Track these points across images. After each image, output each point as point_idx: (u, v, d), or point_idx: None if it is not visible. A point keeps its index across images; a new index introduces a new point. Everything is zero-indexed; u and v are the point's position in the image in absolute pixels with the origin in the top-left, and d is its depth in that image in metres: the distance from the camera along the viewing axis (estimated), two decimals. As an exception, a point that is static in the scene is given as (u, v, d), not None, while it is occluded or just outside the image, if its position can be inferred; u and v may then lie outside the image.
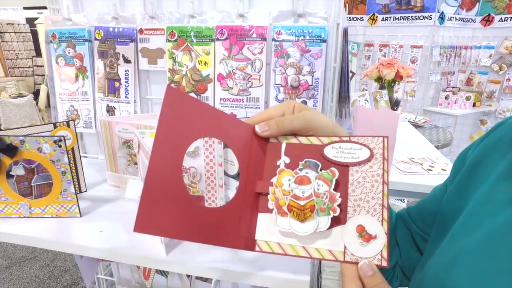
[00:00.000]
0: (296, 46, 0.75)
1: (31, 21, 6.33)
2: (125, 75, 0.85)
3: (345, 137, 0.42)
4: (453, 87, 3.17)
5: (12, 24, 6.32)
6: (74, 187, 0.63)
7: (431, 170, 0.92)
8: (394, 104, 1.68)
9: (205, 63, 0.80)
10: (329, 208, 0.40)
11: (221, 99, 0.80)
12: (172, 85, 0.82)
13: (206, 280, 1.01)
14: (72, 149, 0.72)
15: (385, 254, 0.36)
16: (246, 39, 0.77)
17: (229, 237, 0.41)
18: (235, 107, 0.79)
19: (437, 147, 1.26)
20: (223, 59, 0.78)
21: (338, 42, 0.75)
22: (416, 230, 0.52)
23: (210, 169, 0.62)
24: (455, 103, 3.05)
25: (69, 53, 0.88)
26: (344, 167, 0.41)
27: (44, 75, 6.27)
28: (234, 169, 0.64)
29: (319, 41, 0.74)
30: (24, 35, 6.45)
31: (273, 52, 0.76)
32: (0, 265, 2.29)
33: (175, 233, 0.37)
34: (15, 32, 6.35)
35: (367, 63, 3.40)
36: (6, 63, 6.35)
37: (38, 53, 6.45)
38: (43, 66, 6.30)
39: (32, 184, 0.67)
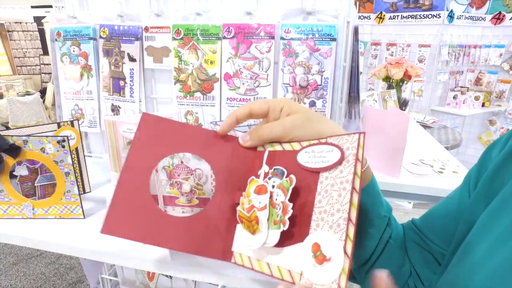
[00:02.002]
0: (305, 45, 0.73)
1: (38, 20, 6.37)
2: (130, 73, 0.84)
3: (322, 139, 0.38)
4: (461, 87, 3.12)
5: (20, 22, 6.36)
6: (78, 188, 0.62)
7: (442, 172, 0.90)
8: (403, 104, 1.65)
9: (211, 62, 0.78)
10: (281, 220, 0.36)
11: (227, 98, 0.78)
12: (178, 84, 0.80)
13: (211, 282, 1.00)
14: (76, 149, 0.71)
15: (342, 283, 0.29)
16: (254, 37, 0.75)
17: (206, 246, 0.41)
18: (242, 107, 0.78)
19: (446, 148, 1.24)
20: (230, 58, 0.77)
21: (348, 40, 0.73)
22: (437, 249, 0.47)
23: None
24: (463, 103, 3.00)
25: (74, 51, 0.87)
26: (314, 174, 0.37)
27: (51, 73, 6.31)
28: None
29: (329, 39, 0.72)
30: (32, 33, 6.49)
31: (281, 50, 0.74)
32: (7, 262, 2.31)
33: (143, 237, 0.41)
34: (22, 31, 6.39)
35: (374, 62, 3.36)
36: (14, 61, 6.39)
37: (46, 52, 6.49)
38: (50, 64, 6.34)
39: (35, 184, 0.66)
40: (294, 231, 0.36)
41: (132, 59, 0.83)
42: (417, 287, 0.51)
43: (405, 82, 1.74)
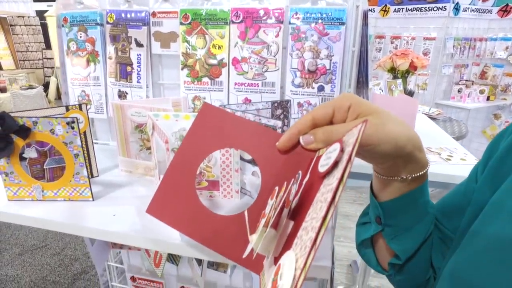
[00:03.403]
0: (314, 29, 0.72)
1: (41, 14, 6.36)
2: (137, 59, 0.83)
3: None
4: (466, 80, 3.10)
5: (23, 16, 6.35)
6: (87, 172, 0.62)
7: (450, 159, 0.89)
8: (408, 95, 1.64)
9: (219, 47, 0.77)
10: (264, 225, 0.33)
11: (235, 83, 0.78)
12: (186, 69, 0.80)
13: (217, 269, 1.00)
14: (84, 133, 0.71)
15: None
16: (262, 22, 0.74)
17: (231, 248, 0.40)
18: (250, 92, 0.77)
19: (452, 140, 1.23)
20: (238, 43, 0.76)
21: (357, 25, 0.72)
22: (448, 234, 0.46)
23: (226, 153, 0.60)
24: (468, 97, 2.98)
25: (80, 37, 0.87)
26: (321, 178, 0.32)
27: (53, 67, 6.31)
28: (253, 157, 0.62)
29: (338, 23, 0.72)
30: (34, 27, 6.49)
31: (290, 35, 0.74)
32: (13, 252, 2.33)
33: (179, 226, 0.41)
34: (25, 25, 6.38)
35: (378, 56, 3.34)
36: (16, 56, 6.40)
37: (48, 46, 6.49)
38: (52, 58, 6.34)
39: (44, 167, 0.66)
40: (285, 247, 0.33)
41: (139, 45, 0.83)
42: (429, 278, 0.51)
43: (411, 73, 1.73)
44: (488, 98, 3.05)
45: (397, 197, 0.44)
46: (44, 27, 6.38)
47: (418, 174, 0.42)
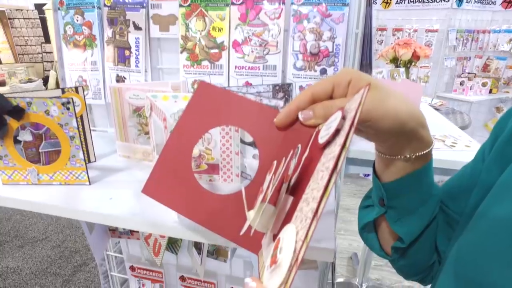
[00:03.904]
0: (316, 10, 0.70)
1: (39, 7, 6.30)
2: (135, 43, 0.82)
3: None
4: (468, 73, 3.07)
5: (21, 10, 6.30)
6: (83, 155, 0.61)
7: (454, 146, 0.87)
8: (411, 86, 1.62)
9: (219, 29, 0.75)
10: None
11: (236, 67, 0.76)
12: (185, 52, 0.78)
13: (217, 257, 0.99)
14: (81, 116, 0.69)
15: None
16: (263, 3, 0.72)
17: (228, 228, 0.39)
18: (251, 75, 0.75)
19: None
20: (238, 25, 0.74)
21: (361, 5, 0.70)
22: (454, 216, 0.45)
23: (226, 135, 0.58)
24: (470, 89, 2.96)
25: (77, 20, 0.85)
26: (321, 150, 0.31)
27: (53, 61, 6.28)
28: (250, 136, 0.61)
29: (341, 4, 0.69)
30: (33, 21, 6.43)
31: (292, 17, 0.72)
32: (14, 245, 2.33)
33: (176, 206, 0.40)
34: (24, 18, 6.33)
35: (379, 48, 3.31)
36: (15, 49, 6.35)
37: (47, 40, 6.44)
38: (52, 52, 6.30)
39: (40, 150, 0.64)
40: (284, 223, 0.32)
41: (137, 28, 0.81)
42: (434, 262, 0.50)
43: (413, 63, 1.70)
44: (490, 91, 3.02)
45: (401, 177, 0.42)
46: (43, 20, 6.33)
47: (422, 152, 0.40)
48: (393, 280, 2.05)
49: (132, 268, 1.10)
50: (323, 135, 0.31)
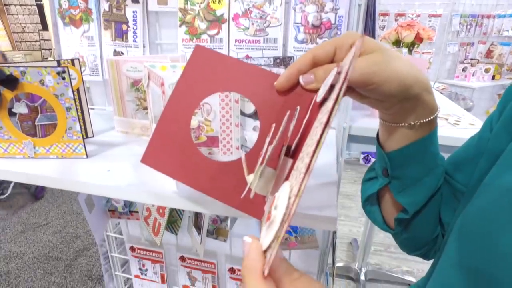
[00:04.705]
0: (319, -20, 0.68)
1: (36, -7, 6.20)
2: (133, 16, 0.79)
3: None
4: (471, 59, 3.03)
5: (17, -4, 6.20)
6: (80, 125, 0.59)
7: (458, 124, 0.86)
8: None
9: (219, 1, 0.73)
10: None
11: (236, 40, 0.74)
12: (184, 26, 0.76)
13: (217, 237, 0.99)
14: (78, 90, 0.68)
15: (268, 255, 0.24)
16: (264, -27, 0.70)
17: (228, 194, 0.38)
18: (251, 48, 0.74)
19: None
20: (238, -4, 0.72)
21: (365, -25, 0.67)
22: (460, 187, 0.44)
23: (226, 106, 0.57)
24: (473, 76, 2.92)
25: (72, -6, 0.82)
26: (317, 109, 0.31)
27: (51, 49, 6.21)
28: (251, 107, 0.59)
29: (345, -26, 0.67)
30: (30, 7, 6.34)
31: (293, -13, 0.70)
32: (16, 230, 2.34)
33: (176, 174, 0.39)
34: (20, 5, 6.23)
35: (381, 34, 3.26)
36: (13, 37, 6.28)
37: (45, 27, 6.36)
38: (50, 40, 6.22)
39: (36, 123, 0.63)
40: (281, 182, 0.32)
41: (135, 1, 0.78)
42: (438, 235, 0.49)
43: (416, 45, 1.67)
44: (493, 77, 2.99)
45: (405, 145, 0.41)
46: (40, 7, 6.24)
47: (426, 119, 0.39)
48: (392, 265, 2.06)
49: (132, 249, 1.10)
50: (320, 93, 0.31)
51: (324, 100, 0.30)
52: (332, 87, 0.29)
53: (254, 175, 0.34)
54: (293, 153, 0.35)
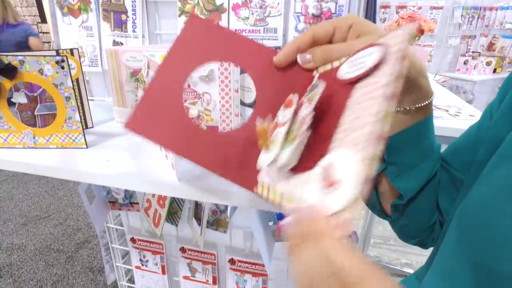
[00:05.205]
0: (320, -32, 0.67)
1: (34, -14, 6.14)
2: (132, 6, 0.79)
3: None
4: (473, 52, 3.01)
5: (16, -12, 6.15)
6: (80, 115, 0.59)
7: (458, 115, 0.86)
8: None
9: (218, -9, 0.72)
10: (294, 136, 0.31)
11: (236, 30, 0.73)
12: (183, 16, 0.75)
13: (217, 228, 0.99)
14: (77, 80, 0.68)
15: (347, 214, 0.24)
16: (264, -39, 0.69)
17: (234, 170, 0.36)
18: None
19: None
20: (237, -14, 0.71)
21: (366, -36, 0.67)
22: (458, 175, 0.44)
23: (226, 96, 0.57)
24: (474, 68, 2.91)
25: (71, -17, 0.82)
26: (348, 86, 0.31)
27: (50, 42, 6.17)
28: (251, 96, 0.59)
29: (346, -38, 0.66)
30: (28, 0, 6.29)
31: (294, -24, 0.69)
32: (17, 222, 2.35)
33: (166, 142, 0.37)
34: (18, -3, 6.19)
35: (382, 26, 3.24)
36: (11, 30, 6.24)
37: (43, 20, 6.31)
38: (48, 32, 6.18)
39: (35, 113, 0.63)
40: (314, 153, 0.31)
41: (133, -10, 0.78)
42: (435, 222, 0.49)
43: (418, 38, 1.66)
44: (494, 71, 2.97)
45: (401, 130, 0.41)
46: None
47: (422, 104, 0.39)
48: (391, 257, 2.07)
49: (132, 240, 1.11)
50: (349, 71, 0.31)
51: (359, 79, 0.30)
52: (375, 66, 0.29)
53: (284, 149, 0.32)
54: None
